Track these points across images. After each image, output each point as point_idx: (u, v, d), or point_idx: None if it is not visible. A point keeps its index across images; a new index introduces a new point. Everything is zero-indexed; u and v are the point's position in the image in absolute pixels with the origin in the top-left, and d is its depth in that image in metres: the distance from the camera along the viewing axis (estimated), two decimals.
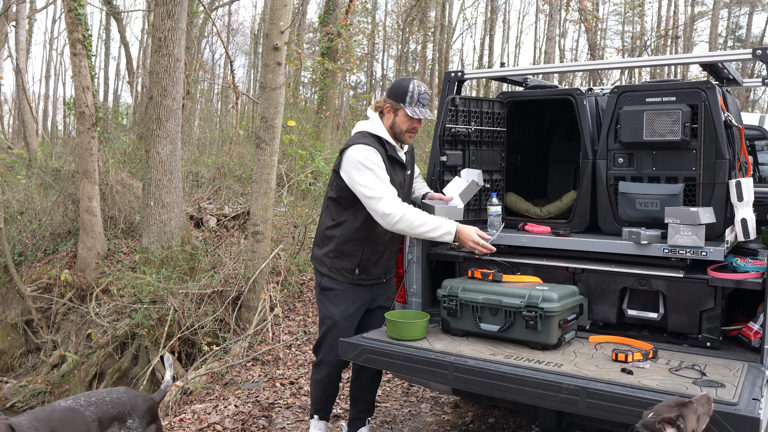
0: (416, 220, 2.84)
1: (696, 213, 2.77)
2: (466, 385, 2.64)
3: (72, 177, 9.44)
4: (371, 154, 2.91)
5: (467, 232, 2.90)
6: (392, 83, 3.06)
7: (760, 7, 20.88)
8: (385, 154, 2.98)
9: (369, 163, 2.89)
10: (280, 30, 6.05)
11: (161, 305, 6.37)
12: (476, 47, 33.08)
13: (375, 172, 2.88)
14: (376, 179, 2.88)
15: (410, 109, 2.97)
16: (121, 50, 30.78)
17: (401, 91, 2.97)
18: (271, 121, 6.16)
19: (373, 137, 3.01)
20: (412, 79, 3.02)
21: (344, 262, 3.11)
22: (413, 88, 2.97)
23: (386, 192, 2.87)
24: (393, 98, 3.00)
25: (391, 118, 3.03)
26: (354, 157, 2.92)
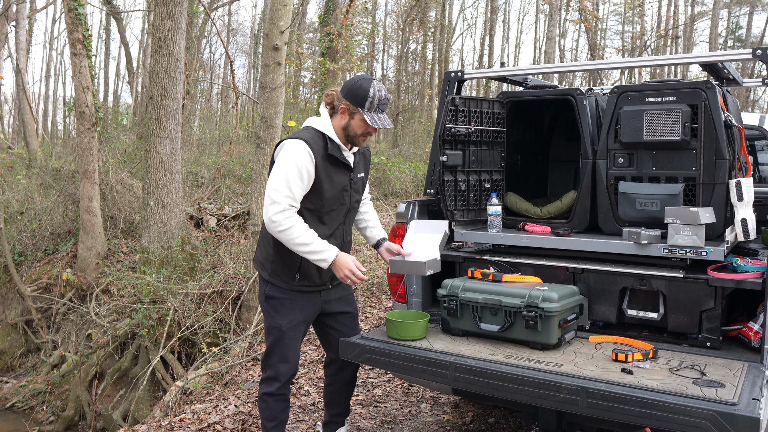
0: (301, 237, 2.67)
1: (696, 213, 2.77)
2: (466, 385, 2.64)
3: (72, 177, 9.45)
4: (299, 156, 2.69)
5: (343, 261, 2.74)
6: (350, 82, 2.78)
7: (760, 7, 20.88)
8: (323, 154, 2.76)
9: (291, 164, 2.68)
10: (280, 30, 6.05)
11: (161, 305, 6.37)
12: (476, 47, 33.09)
13: (291, 176, 2.67)
14: (285, 184, 2.67)
15: (369, 116, 2.74)
16: (121, 50, 30.79)
17: (360, 95, 2.73)
18: (271, 121, 6.16)
19: (316, 134, 2.80)
20: (373, 80, 2.76)
21: (283, 266, 2.88)
22: (374, 93, 2.72)
23: (286, 202, 2.67)
24: (350, 100, 2.75)
25: (346, 120, 2.79)
26: (283, 151, 2.73)
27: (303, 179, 2.69)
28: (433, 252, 3.12)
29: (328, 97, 2.85)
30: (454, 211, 3.54)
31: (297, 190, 2.69)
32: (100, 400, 6.66)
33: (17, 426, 6.78)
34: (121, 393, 6.62)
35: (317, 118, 2.86)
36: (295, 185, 2.68)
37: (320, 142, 2.78)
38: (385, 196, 11.76)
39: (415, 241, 3.23)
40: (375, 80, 2.77)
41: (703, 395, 2.26)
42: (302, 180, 2.69)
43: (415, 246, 3.23)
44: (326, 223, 2.87)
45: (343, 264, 2.74)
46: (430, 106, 19.74)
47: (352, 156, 2.92)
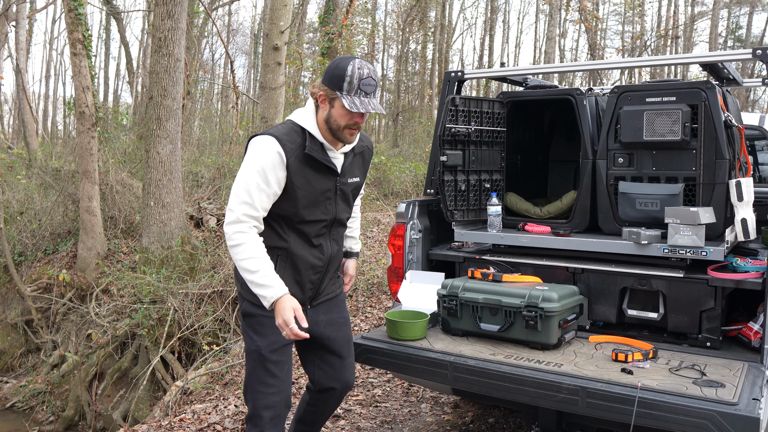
0: (247, 261, 2.24)
1: (696, 213, 2.78)
2: (466, 385, 2.64)
3: (72, 177, 9.45)
4: (266, 156, 2.27)
5: (283, 306, 2.23)
6: (330, 64, 2.35)
7: (760, 7, 20.88)
8: (298, 153, 2.32)
9: (255, 165, 2.27)
10: (280, 30, 6.06)
11: (161, 305, 6.37)
12: (476, 47, 33.10)
13: (252, 180, 2.27)
14: (245, 189, 2.27)
15: (347, 99, 2.27)
16: (121, 50, 30.80)
17: (337, 75, 2.28)
18: (271, 121, 6.16)
19: (293, 128, 2.37)
20: (353, 58, 2.30)
21: None
22: (352, 71, 2.26)
23: (241, 211, 2.26)
24: (328, 84, 2.30)
25: (327, 109, 2.34)
26: (249, 149, 2.34)
27: (269, 183, 2.28)
28: (428, 304, 3.15)
29: (314, 88, 2.40)
30: (454, 211, 3.54)
31: (259, 197, 2.28)
32: (100, 400, 6.66)
33: (17, 426, 6.78)
34: (121, 393, 6.62)
35: (300, 110, 2.43)
36: (257, 191, 2.27)
37: (297, 139, 2.34)
38: (385, 196, 11.76)
39: (411, 291, 3.26)
40: (356, 58, 2.31)
41: (703, 395, 2.26)
42: (267, 184, 2.28)
43: (410, 296, 3.25)
44: (305, 234, 2.43)
45: (282, 310, 2.23)
46: (430, 106, 19.74)
47: (340, 157, 2.45)
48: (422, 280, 3.33)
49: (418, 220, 3.50)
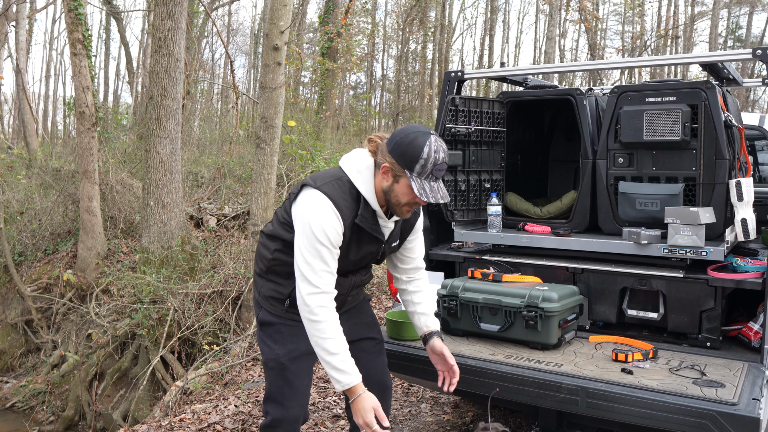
0: (329, 341, 2.15)
1: (696, 213, 2.78)
2: (466, 385, 2.64)
3: (72, 177, 9.45)
4: (326, 221, 2.15)
5: (364, 407, 2.13)
6: (401, 133, 2.16)
7: (760, 7, 20.88)
8: (350, 222, 2.22)
9: (318, 231, 2.15)
10: (280, 30, 6.05)
11: (161, 305, 6.37)
12: (476, 47, 33.10)
13: (321, 246, 2.16)
14: (317, 256, 2.16)
15: (417, 183, 2.12)
16: (121, 50, 30.81)
17: (410, 154, 2.11)
18: (271, 121, 6.16)
19: (350, 192, 2.21)
20: (430, 135, 2.12)
21: (272, 287, 2.40)
22: (428, 154, 2.10)
23: (321, 281, 2.17)
24: (397, 158, 2.13)
25: (389, 182, 2.18)
26: (306, 208, 2.19)
27: (335, 245, 2.19)
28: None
29: (372, 143, 2.25)
30: (454, 211, 3.54)
31: (333, 261, 2.20)
32: (100, 400, 6.66)
33: (17, 426, 6.78)
34: (121, 393, 6.62)
35: (357, 167, 2.24)
36: (330, 257, 2.18)
37: (352, 205, 2.21)
38: None
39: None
40: (433, 135, 2.13)
41: (703, 395, 2.26)
42: (334, 247, 2.19)
43: None
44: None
45: (362, 410, 2.13)
46: (430, 106, 19.74)
47: (391, 225, 2.34)
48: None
49: None
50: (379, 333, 2.66)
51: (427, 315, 2.54)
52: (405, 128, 2.18)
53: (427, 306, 2.56)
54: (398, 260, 2.55)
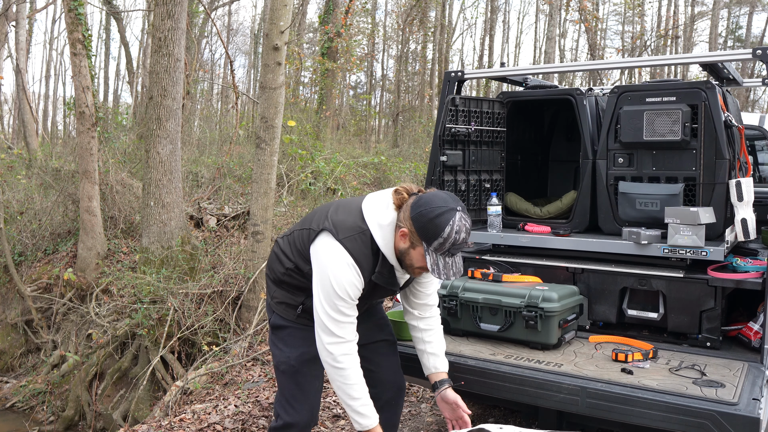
0: (352, 389, 2.19)
1: (696, 213, 2.78)
2: (467, 386, 2.64)
3: (72, 177, 9.45)
4: (348, 284, 2.16)
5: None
6: (426, 201, 2.11)
7: (760, 7, 20.88)
8: (369, 278, 2.22)
9: (341, 293, 2.15)
10: (280, 30, 6.05)
11: (161, 305, 6.37)
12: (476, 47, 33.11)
13: (342, 305, 2.17)
14: (337, 309, 2.17)
15: (431, 258, 2.11)
16: (121, 50, 30.81)
17: (431, 230, 2.08)
18: (271, 121, 6.16)
19: (372, 249, 2.19)
20: (455, 213, 2.07)
21: (284, 295, 2.42)
22: (449, 234, 2.06)
23: (346, 334, 2.19)
24: (417, 230, 2.11)
25: (406, 245, 2.17)
26: (329, 272, 2.16)
27: (355, 299, 2.20)
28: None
29: (399, 196, 2.20)
30: None
31: (351, 312, 2.21)
32: (100, 400, 6.66)
33: (17, 426, 6.78)
34: (121, 393, 6.62)
35: (380, 222, 2.19)
36: (347, 309, 2.19)
37: (371, 261, 2.20)
38: None
39: None
40: (458, 213, 2.08)
41: (703, 395, 2.26)
42: (354, 300, 2.20)
43: None
44: None
45: None
46: (430, 106, 19.74)
47: (405, 278, 2.37)
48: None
49: None
50: (391, 334, 2.65)
51: (437, 356, 2.49)
52: (432, 198, 2.11)
53: (438, 346, 2.51)
54: (411, 293, 2.51)
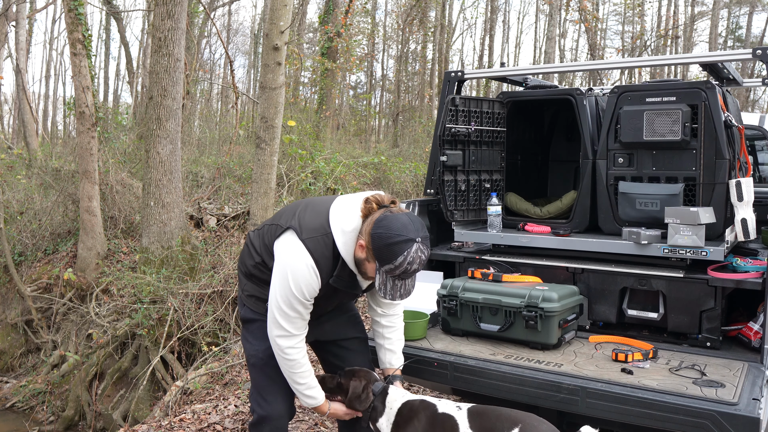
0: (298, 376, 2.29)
1: (696, 213, 2.78)
2: (466, 385, 2.64)
3: (72, 177, 9.45)
4: (303, 276, 2.17)
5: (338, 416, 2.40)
6: (388, 227, 2.08)
7: (760, 7, 20.88)
8: (327, 280, 2.22)
9: (296, 292, 2.18)
10: (280, 30, 6.05)
11: (161, 305, 6.37)
12: (476, 47, 33.10)
13: (296, 303, 2.20)
14: (290, 306, 2.20)
15: (381, 277, 2.12)
16: (121, 50, 30.80)
17: (386, 255, 2.08)
18: (271, 121, 6.16)
19: (333, 251, 2.19)
20: (413, 244, 2.06)
21: (254, 288, 2.42)
22: (400, 263, 2.06)
23: (295, 329, 2.25)
24: (373, 248, 2.11)
25: (362, 256, 2.17)
26: (287, 269, 2.18)
27: (308, 298, 2.22)
28: (428, 304, 3.15)
29: (367, 206, 2.19)
30: (454, 211, 3.54)
31: (305, 309, 2.24)
32: (100, 400, 6.66)
33: (17, 426, 6.78)
34: (121, 393, 6.62)
35: (343, 228, 2.19)
36: (301, 307, 2.22)
37: (330, 264, 2.20)
38: None
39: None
40: (416, 245, 2.06)
41: (703, 395, 2.26)
42: (306, 299, 2.22)
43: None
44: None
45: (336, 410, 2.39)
46: (430, 106, 19.74)
47: (368, 282, 2.35)
48: (422, 279, 3.32)
49: None
50: (363, 331, 2.67)
51: (393, 353, 2.54)
52: (395, 222, 2.08)
53: (397, 344, 2.55)
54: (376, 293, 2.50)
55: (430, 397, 2.36)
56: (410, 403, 2.29)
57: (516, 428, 2.05)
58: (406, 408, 2.27)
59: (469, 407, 2.22)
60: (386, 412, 2.29)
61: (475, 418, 2.16)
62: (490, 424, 2.12)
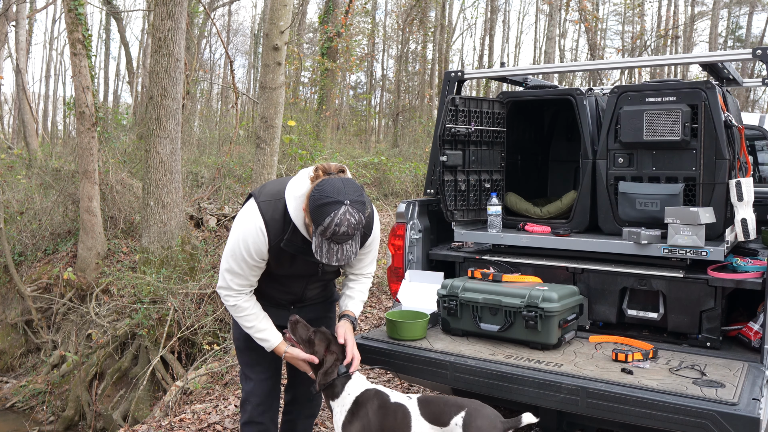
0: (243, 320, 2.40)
1: (696, 213, 2.77)
2: (466, 385, 2.64)
3: (72, 177, 9.45)
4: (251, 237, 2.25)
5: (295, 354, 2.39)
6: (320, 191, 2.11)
7: (760, 7, 20.88)
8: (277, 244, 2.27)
9: (240, 244, 2.27)
10: (280, 30, 6.06)
11: (161, 305, 6.37)
12: (476, 47, 33.11)
13: (239, 258, 2.29)
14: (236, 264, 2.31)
15: (317, 240, 2.13)
16: (121, 50, 30.81)
17: (315, 216, 2.10)
18: (271, 121, 6.16)
19: (284, 215, 2.25)
20: (341, 206, 2.06)
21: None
22: (328, 225, 2.07)
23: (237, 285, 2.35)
24: (309, 212, 2.14)
25: (307, 221, 2.19)
26: (239, 228, 2.29)
27: (254, 259, 2.30)
28: (428, 304, 3.14)
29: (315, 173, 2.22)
30: (454, 211, 3.54)
31: (249, 270, 2.33)
32: (100, 400, 6.66)
33: (17, 426, 6.78)
34: (121, 393, 6.62)
35: (294, 193, 2.24)
36: (245, 265, 2.31)
37: (282, 227, 2.26)
38: (385, 196, 11.77)
39: (411, 291, 3.25)
40: (343, 207, 2.06)
41: (703, 395, 2.26)
42: (252, 259, 2.30)
43: (410, 296, 3.24)
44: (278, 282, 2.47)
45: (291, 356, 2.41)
46: (430, 106, 19.75)
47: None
48: (422, 279, 3.33)
49: (418, 220, 3.51)
50: (333, 311, 2.77)
51: (352, 299, 2.61)
52: (327, 186, 2.11)
53: (357, 295, 2.62)
54: (348, 266, 2.61)
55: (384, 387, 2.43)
56: (367, 392, 2.36)
57: (462, 412, 2.19)
58: (362, 396, 2.34)
59: (418, 396, 2.33)
60: (343, 396, 2.35)
61: (424, 405, 2.28)
62: (439, 410, 2.24)
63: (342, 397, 2.35)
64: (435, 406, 2.26)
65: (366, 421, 2.28)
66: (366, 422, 2.27)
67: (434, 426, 2.22)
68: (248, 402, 2.58)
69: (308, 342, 2.39)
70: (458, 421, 2.17)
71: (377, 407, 2.30)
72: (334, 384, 2.36)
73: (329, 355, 2.38)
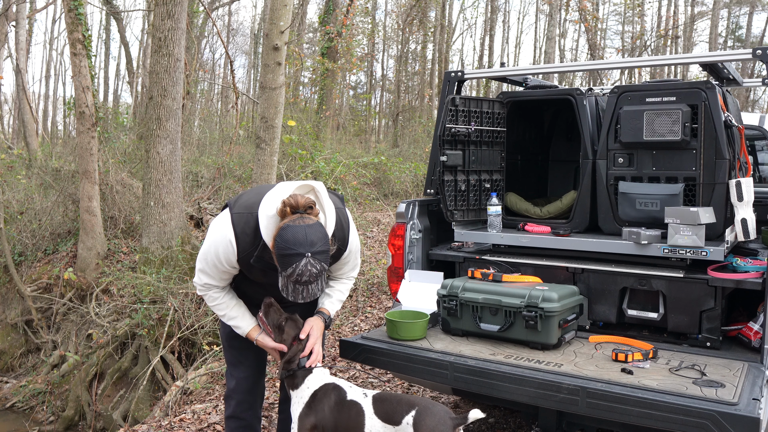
0: (216, 309, 2.50)
1: (696, 213, 2.78)
2: (466, 385, 2.64)
3: (72, 177, 9.45)
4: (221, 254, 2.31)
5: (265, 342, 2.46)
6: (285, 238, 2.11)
7: (760, 7, 20.88)
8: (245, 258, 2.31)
9: (213, 251, 2.32)
10: (280, 30, 6.06)
11: (161, 305, 6.37)
12: (476, 47, 33.10)
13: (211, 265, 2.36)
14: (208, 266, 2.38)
15: (282, 280, 2.16)
16: (121, 50, 30.78)
17: (280, 264, 2.14)
18: (271, 121, 6.17)
19: (256, 233, 2.26)
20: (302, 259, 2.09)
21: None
22: (291, 274, 2.11)
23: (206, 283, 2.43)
24: (275, 256, 2.17)
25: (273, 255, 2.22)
26: (212, 236, 2.34)
27: (224, 266, 2.36)
28: (428, 304, 3.14)
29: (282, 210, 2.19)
30: (454, 211, 3.54)
31: (219, 275, 2.41)
32: (100, 400, 6.66)
33: (17, 426, 6.78)
34: (121, 393, 6.62)
35: (268, 212, 2.22)
36: (215, 270, 2.38)
37: (250, 240, 2.28)
38: (385, 196, 11.77)
39: (411, 291, 3.25)
40: (305, 259, 2.09)
41: (703, 395, 2.26)
42: (222, 266, 2.36)
43: (410, 296, 3.24)
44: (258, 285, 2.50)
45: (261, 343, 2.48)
46: (430, 106, 19.74)
47: None
48: (422, 279, 3.33)
49: (418, 220, 3.51)
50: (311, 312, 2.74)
51: (330, 297, 2.62)
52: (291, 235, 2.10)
53: (336, 295, 2.63)
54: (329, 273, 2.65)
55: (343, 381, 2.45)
56: (326, 386, 2.38)
57: (413, 411, 2.22)
58: (320, 391, 2.37)
59: (374, 394, 2.35)
60: (302, 388, 2.38)
61: (379, 404, 2.30)
62: (392, 408, 2.27)
63: (301, 389, 2.38)
64: (388, 405, 2.28)
65: (321, 416, 2.31)
66: (321, 417, 2.31)
67: (387, 425, 2.25)
68: (231, 398, 2.67)
69: (278, 328, 2.43)
70: (409, 420, 2.20)
71: (334, 403, 2.33)
72: (295, 375, 2.40)
73: (296, 344, 2.41)
